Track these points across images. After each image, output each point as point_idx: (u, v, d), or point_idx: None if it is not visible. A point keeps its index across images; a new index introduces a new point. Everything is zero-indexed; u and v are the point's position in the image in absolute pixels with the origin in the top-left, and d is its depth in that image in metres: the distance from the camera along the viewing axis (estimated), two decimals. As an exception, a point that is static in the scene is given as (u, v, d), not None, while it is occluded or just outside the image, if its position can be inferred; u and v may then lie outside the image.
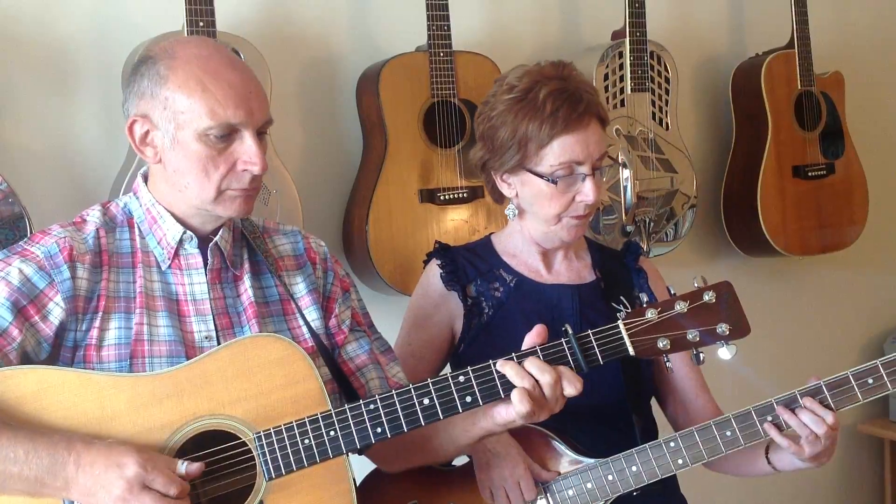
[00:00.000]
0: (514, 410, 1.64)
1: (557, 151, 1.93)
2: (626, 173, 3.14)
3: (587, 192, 1.94)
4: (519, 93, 1.96)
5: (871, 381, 1.85)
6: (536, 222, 2.05)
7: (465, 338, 2.06)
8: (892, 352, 3.86)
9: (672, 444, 1.89)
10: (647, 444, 1.90)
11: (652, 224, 3.21)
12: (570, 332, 1.66)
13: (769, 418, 1.87)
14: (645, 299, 2.05)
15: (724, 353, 1.67)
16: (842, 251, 3.60)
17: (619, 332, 1.66)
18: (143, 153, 1.72)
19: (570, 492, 1.90)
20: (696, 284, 1.68)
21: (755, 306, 3.56)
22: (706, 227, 3.52)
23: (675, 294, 1.68)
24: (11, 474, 1.52)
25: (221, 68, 1.67)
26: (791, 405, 1.87)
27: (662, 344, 1.65)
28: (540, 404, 1.63)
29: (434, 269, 2.10)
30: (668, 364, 1.70)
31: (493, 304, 2.06)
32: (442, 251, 2.12)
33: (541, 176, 1.96)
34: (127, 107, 1.73)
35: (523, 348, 1.67)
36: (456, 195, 2.86)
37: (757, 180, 3.36)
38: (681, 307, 1.66)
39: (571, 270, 2.11)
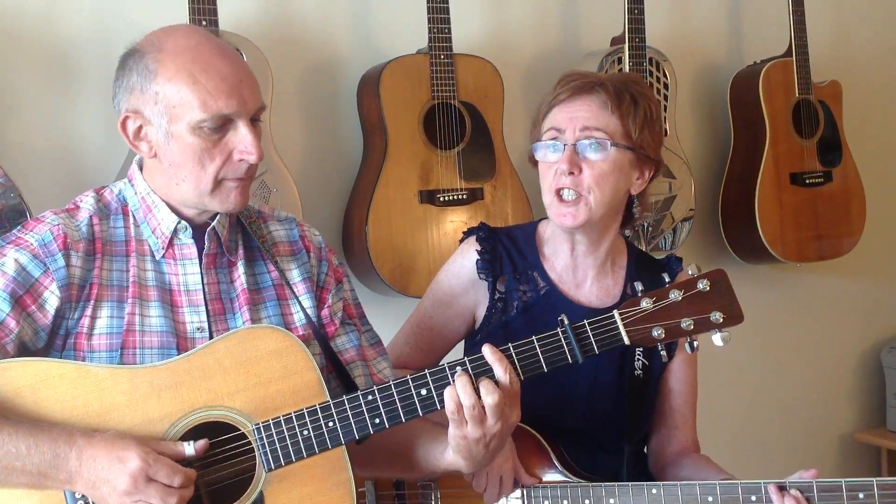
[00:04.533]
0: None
1: (546, 123, 1.97)
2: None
3: (562, 159, 1.90)
4: None
5: (861, 496, 1.78)
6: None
7: (484, 328, 2.04)
8: (890, 361, 3.86)
9: (654, 490, 1.87)
10: (629, 483, 1.89)
11: (650, 230, 3.21)
12: (567, 322, 1.66)
13: (753, 498, 1.82)
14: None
15: (718, 340, 1.68)
16: (839, 259, 3.61)
17: (615, 322, 1.66)
18: (137, 148, 1.71)
19: (546, 502, 1.90)
20: (690, 273, 1.69)
21: (752, 313, 3.55)
22: (704, 234, 3.52)
23: (669, 283, 1.69)
24: (14, 468, 1.52)
25: (210, 58, 1.65)
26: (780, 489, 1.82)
27: (657, 332, 1.66)
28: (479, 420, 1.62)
29: (472, 253, 2.05)
30: (662, 352, 1.70)
31: (517, 307, 2.03)
32: (485, 236, 2.06)
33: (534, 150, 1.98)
34: (117, 101, 1.71)
35: None
36: (455, 197, 2.87)
37: (755, 187, 3.37)
38: (675, 296, 1.66)
39: (602, 289, 2.05)
